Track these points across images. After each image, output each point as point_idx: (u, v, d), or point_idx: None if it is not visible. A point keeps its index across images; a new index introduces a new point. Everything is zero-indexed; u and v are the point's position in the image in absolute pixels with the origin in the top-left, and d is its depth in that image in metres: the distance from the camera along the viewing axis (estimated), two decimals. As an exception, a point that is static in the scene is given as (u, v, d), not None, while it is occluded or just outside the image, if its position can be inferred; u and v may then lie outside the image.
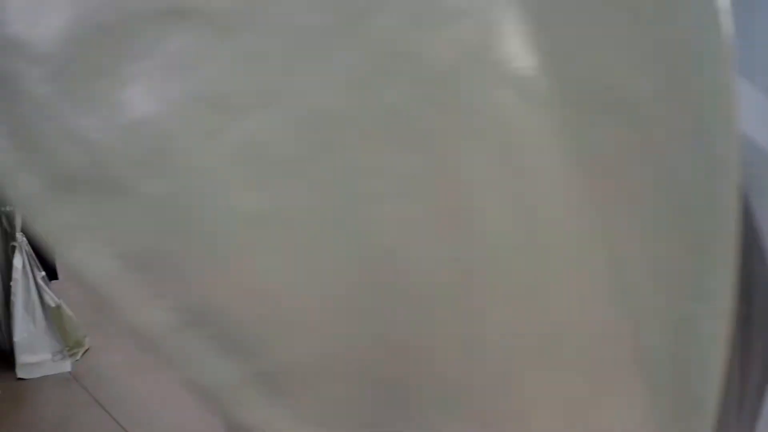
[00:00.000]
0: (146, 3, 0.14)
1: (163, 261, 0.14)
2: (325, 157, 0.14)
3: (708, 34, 0.16)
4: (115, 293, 0.13)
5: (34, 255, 2.94)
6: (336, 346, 0.14)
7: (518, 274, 0.15)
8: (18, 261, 2.87)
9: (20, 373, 2.88)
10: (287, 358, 0.14)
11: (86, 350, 3.17)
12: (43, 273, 2.97)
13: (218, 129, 0.13)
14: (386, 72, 0.14)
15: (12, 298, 2.88)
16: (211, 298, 0.14)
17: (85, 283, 0.13)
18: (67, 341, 3.01)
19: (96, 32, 0.14)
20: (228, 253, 0.14)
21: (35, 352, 2.95)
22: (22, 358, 2.91)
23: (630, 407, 0.17)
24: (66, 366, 2.95)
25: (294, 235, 0.14)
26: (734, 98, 0.15)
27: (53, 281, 3.02)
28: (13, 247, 2.88)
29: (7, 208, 2.84)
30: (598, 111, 0.15)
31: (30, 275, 2.90)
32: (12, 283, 2.87)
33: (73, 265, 0.13)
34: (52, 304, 2.96)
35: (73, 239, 0.13)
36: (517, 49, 0.15)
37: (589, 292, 0.16)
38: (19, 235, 2.86)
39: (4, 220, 2.90)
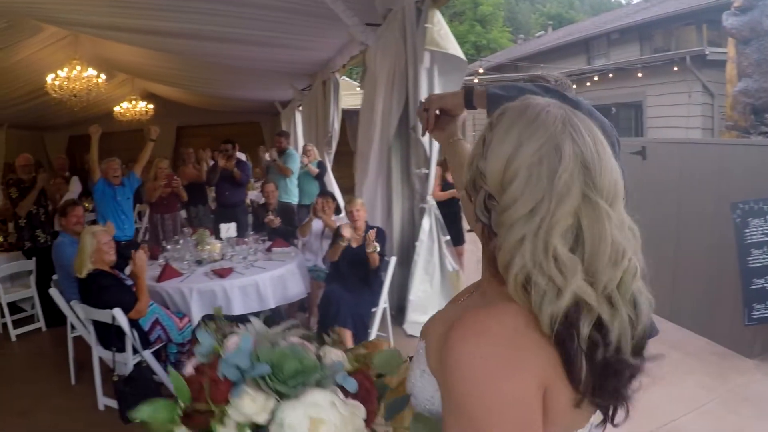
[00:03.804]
0: None
1: None
2: None
3: None
4: None
5: (441, 219, 3.02)
6: None
7: None
8: (426, 223, 2.98)
9: (409, 330, 3.01)
10: None
11: (469, 319, 3.16)
12: (448, 237, 3.05)
13: None
14: None
15: (415, 257, 3.02)
16: None
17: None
18: (459, 307, 3.02)
19: None
20: None
21: (426, 312, 3.05)
22: (412, 316, 3.04)
23: None
24: (454, 331, 2.96)
25: None
26: None
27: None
28: (422, 209, 3.02)
29: (421, 171, 2.96)
30: None
31: (435, 238, 3.00)
32: (417, 244, 3.01)
33: None
34: (450, 269, 3.01)
35: None
36: None
37: None
38: (429, 198, 2.98)
39: (416, 182, 3.06)
